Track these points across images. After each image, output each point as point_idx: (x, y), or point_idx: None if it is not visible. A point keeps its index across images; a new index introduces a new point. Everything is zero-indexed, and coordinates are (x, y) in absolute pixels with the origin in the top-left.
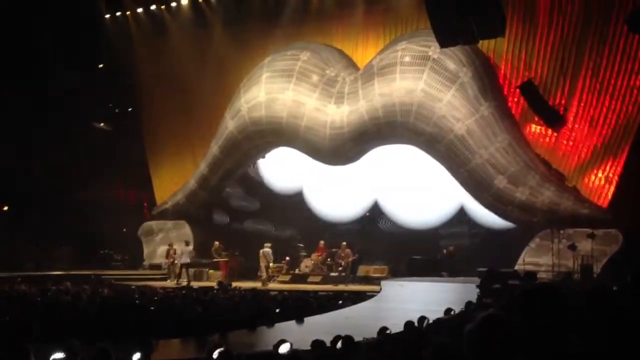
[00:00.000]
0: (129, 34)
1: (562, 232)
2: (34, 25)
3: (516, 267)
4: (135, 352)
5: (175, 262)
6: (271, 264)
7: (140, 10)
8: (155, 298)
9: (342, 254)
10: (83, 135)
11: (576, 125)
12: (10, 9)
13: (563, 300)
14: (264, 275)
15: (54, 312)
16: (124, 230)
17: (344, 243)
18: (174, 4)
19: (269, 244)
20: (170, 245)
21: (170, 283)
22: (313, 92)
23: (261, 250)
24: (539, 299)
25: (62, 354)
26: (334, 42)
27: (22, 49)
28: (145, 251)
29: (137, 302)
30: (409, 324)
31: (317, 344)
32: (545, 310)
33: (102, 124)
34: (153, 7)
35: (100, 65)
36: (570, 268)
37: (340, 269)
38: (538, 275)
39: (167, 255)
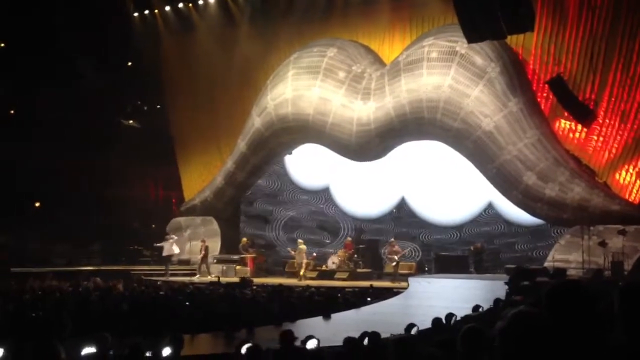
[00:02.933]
0: (156, 32)
1: (592, 228)
2: (63, 25)
3: (545, 264)
4: (165, 346)
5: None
6: (304, 261)
7: (167, 8)
8: (188, 292)
9: (392, 249)
10: (113, 133)
11: (607, 120)
12: (39, 9)
13: (591, 297)
14: (302, 271)
15: (85, 308)
16: (153, 226)
17: (393, 239)
18: (200, 2)
19: (302, 241)
20: (203, 241)
21: (199, 278)
22: (339, 88)
23: (297, 247)
24: (567, 296)
25: (93, 348)
26: (360, 38)
27: (51, 48)
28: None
29: (166, 297)
30: (436, 321)
31: (349, 341)
32: (572, 307)
33: (131, 122)
34: (180, 5)
35: (129, 64)
36: (600, 265)
37: (394, 264)
38: (568, 272)
39: (200, 250)
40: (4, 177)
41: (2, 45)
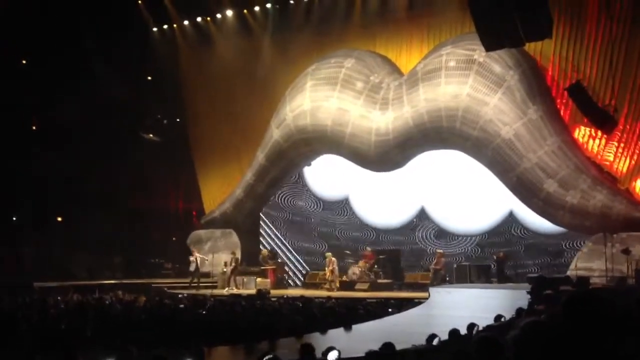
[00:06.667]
0: (175, 46)
1: (615, 236)
2: (84, 40)
3: (568, 273)
4: (186, 359)
5: (225, 270)
6: (336, 272)
7: (186, 22)
8: (209, 305)
9: (437, 261)
10: (133, 146)
11: (627, 127)
12: (60, 24)
13: (609, 307)
14: (337, 282)
15: (107, 321)
16: (174, 239)
17: (440, 250)
18: (219, 16)
19: (330, 253)
20: (234, 253)
21: (228, 291)
22: (357, 99)
23: (327, 259)
24: (584, 306)
25: None
26: (378, 48)
27: (72, 63)
28: None
29: (187, 309)
30: (453, 332)
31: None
32: (590, 317)
33: (151, 135)
34: (199, 19)
35: (149, 78)
36: (624, 273)
37: (431, 276)
38: (591, 281)
39: (230, 262)
40: (25, 191)
41: (24, 57)
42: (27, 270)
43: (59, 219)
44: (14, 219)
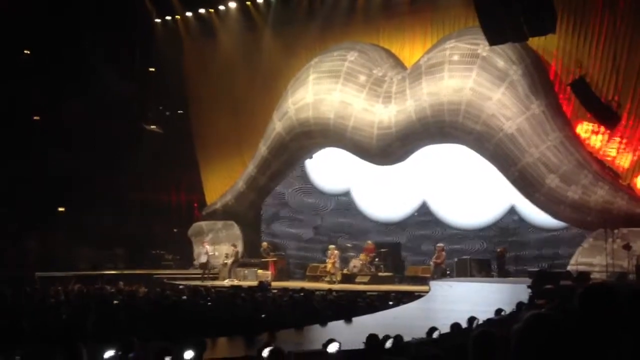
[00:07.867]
0: (178, 38)
1: (616, 231)
2: (86, 31)
3: (569, 267)
4: (187, 350)
5: (226, 261)
6: (338, 265)
7: (189, 14)
8: (210, 296)
9: (437, 255)
10: (135, 138)
11: (630, 122)
12: (63, 16)
13: (623, 302)
14: (338, 275)
15: (108, 311)
16: (175, 230)
17: (441, 244)
18: (222, 8)
19: (334, 246)
20: (234, 245)
21: (229, 282)
22: (360, 92)
23: (330, 251)
24: (602, 299)
25: (114, 351)
26: (381, 42)
27: (75, 54)
28: (196, 251)
29: (188, 301)
30: (455, 326)
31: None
32: (606, 310)
33: (153, 127)
34: (202, 11)
35: (152, 69)
36: (624, 268)
37: (432, 270)
38: (591, 276)
39: (231, 254)
40: (28, 183)
41: (27, 52)
42: (30, 263)
43: (61, 209)
44: (16, 212)
